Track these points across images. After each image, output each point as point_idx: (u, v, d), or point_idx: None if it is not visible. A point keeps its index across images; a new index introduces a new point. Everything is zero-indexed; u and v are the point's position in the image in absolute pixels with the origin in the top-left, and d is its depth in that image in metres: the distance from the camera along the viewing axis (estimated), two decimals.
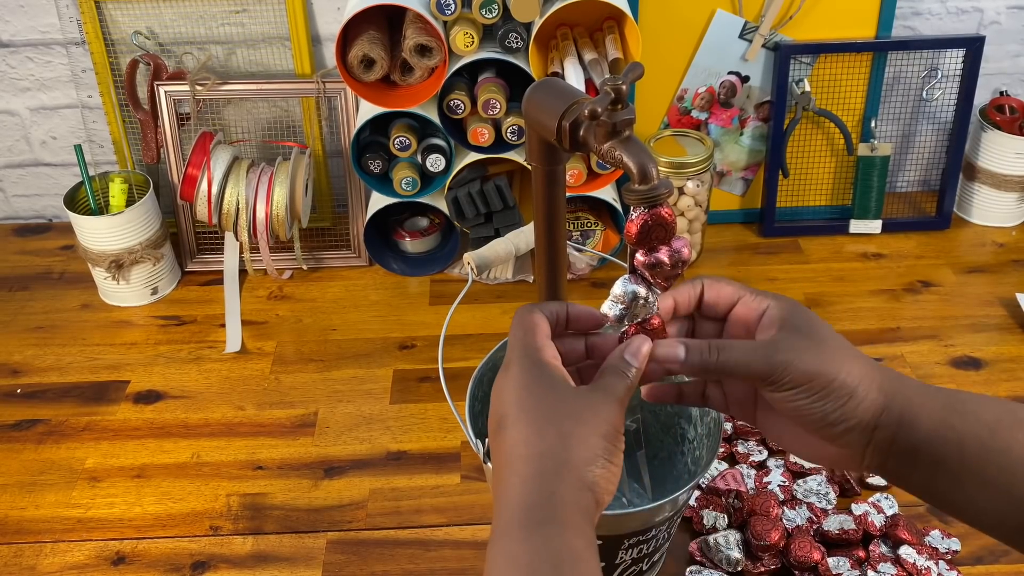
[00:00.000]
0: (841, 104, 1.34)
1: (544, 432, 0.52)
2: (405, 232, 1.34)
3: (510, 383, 0.55)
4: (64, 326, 1.26)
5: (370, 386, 1.14)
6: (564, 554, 0.48)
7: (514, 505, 0.50)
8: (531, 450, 0.52)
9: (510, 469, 0.52)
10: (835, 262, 1.33)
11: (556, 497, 0.50)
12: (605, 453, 0.52)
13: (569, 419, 0.52)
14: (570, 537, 0.49)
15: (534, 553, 0.48)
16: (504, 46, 1.15)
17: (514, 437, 0.53)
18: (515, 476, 0.51)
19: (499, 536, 0.50)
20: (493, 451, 0.55)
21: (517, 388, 0.54)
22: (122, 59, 1.33)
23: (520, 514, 0.50)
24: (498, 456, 0.54)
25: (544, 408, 0.53)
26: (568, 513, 0.49)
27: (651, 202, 0.55)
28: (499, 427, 0.54)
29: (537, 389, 0.54)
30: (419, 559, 0.93)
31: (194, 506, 0.99)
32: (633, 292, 0.58)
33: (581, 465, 0.51)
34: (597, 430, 0.52)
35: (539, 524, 0.49)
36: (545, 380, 0.55)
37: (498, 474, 0.53)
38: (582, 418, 0.53)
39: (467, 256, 0.86)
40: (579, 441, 0.52)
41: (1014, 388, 1.10)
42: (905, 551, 0.88)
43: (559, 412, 0.53)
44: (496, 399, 0.56)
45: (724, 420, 0.83)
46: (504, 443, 0.53)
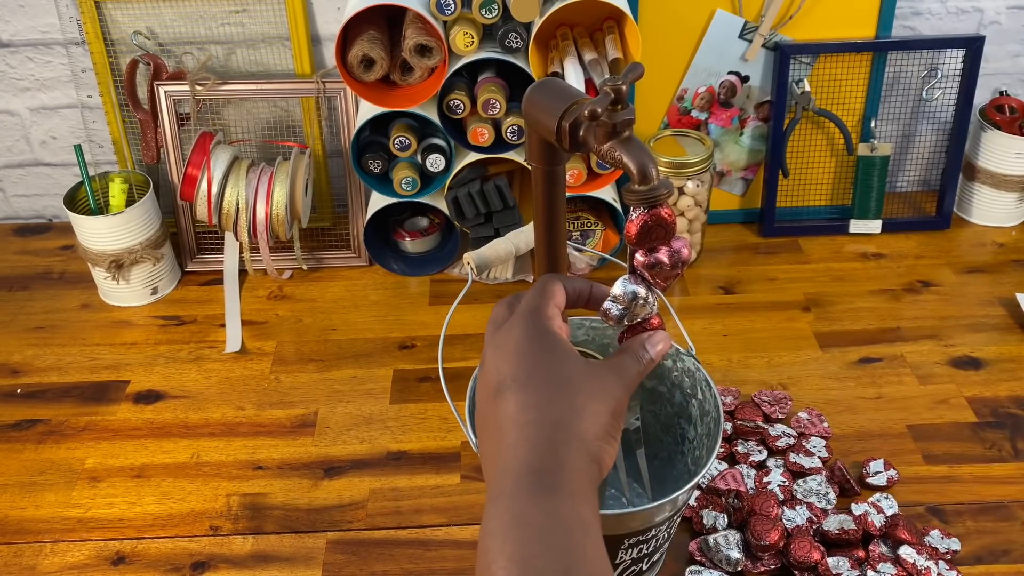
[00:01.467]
0: (841, 104, 1.34)
1: (556, 401, 0.52)
2: (405, 232, 1.34)
3: (515, 343, 0.55)
4: (64, 326, 1.26)
5: (370, 386, 1.14)
6: (574, 520, 0.48)
7: (522, 467, 0.50)
8: (541, 416, 0.51)
9: (517, 432, 0.51)
10: (835, 262, 1.33)
11: (568, 466, 0.50)
12: (611, 428, 0.53)
13: (582, 392, 0.53)
14: (580, 505, 0.49)
15: (546, 516, 0.47)
16: (504, 46, 1.15)
17: (521, 401, 0.52)
18: (523, 440, 0.51)
19: (503, 496, 0.49)
20: (487, 412, 0.54)
21: (525, 351, 0.54)
22: (122, 59, 1.33)
23: (529, 477, 0.49)
24: (494, 417, 0.53)
25: (556, 377, 0.53)
26: (578, 482, 0.49)
27: (651, 202, 0.55)
28: (500, 387, 0.53)
29: (548, 357, 0.54)
30: (419, 559, 0.93)
31: (194, 506, 0.99)
32: (633, 292, 0.58)
33: (591, 438, 0.51)
34: (607, 405, 0.53)
35: (549, 489, 0.48)
36: (556, 349, 0.55)
37: (494, 434, 0.53)
38: (594, 392, 0.53)
39: (467, 256, 0.86)
40: (592, 415, 0.52)
41: (1014, 388, 1.10)
42: (905, 551, 0.88)
43: (571, 383, 0.53)
44: (496, 357, 0.55)
45: (724, 420, 0.83)
46: (505, 404, 0.53)
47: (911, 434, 1.05)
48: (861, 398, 1.10)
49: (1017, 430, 1.05)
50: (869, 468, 0.99)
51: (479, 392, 0.56)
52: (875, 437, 1.04)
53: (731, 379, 1.13)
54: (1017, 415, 1.07)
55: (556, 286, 0.59)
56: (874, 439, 1.04)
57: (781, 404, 1.07)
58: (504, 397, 0.53)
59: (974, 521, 0.95)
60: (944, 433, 1.05)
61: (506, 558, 0.46)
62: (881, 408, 1.08)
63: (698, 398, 0.88)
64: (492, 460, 0.52)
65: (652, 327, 0.61)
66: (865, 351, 1.16)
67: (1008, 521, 0.94)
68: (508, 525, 0.47)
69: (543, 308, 0.57)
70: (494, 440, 0.53)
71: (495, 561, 0.46)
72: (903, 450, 1.03)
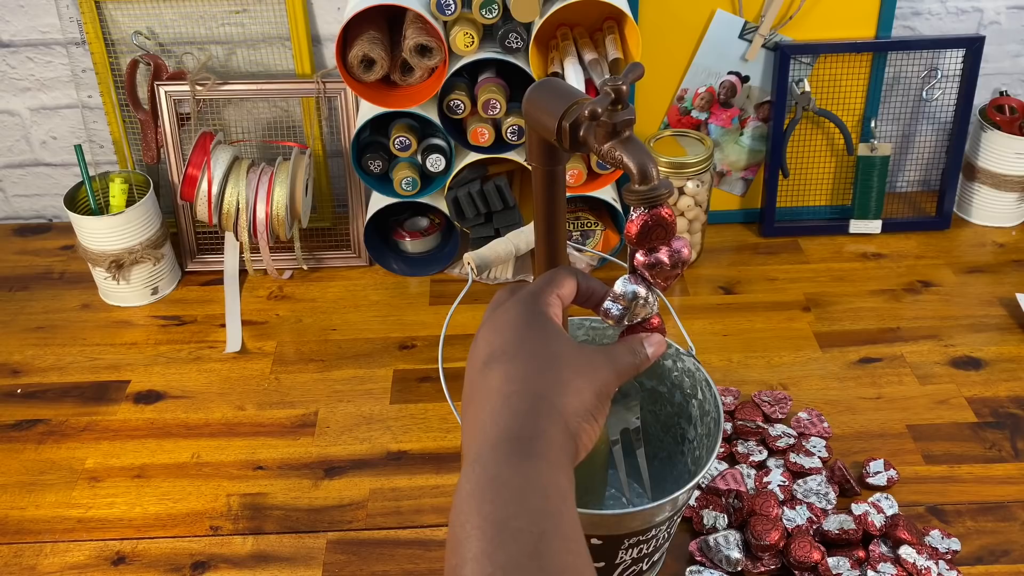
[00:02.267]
0: (841, 104, 1.34)
1: (544, 374, 0.53)
2: (405, 232, 1.34)
3: (509, 320, 0.56)
4: (64, 326, 1.26)
5: (370, 386, 1.14)
6: (552, 486, 0.48)
7: (502, 434, 0.50)
8: (527, 387, 0.52)
9: (501, 401, 0.52)
10: (835, 262, 1.33)
11: (547, 436, 0.50)
12: (594, 409, 0.53)
13: (568, 368, 0.53)
14: (557, 474, 0.49)
15: (524, 480, 0.47)
16: (504, 46, 1.15)
17: (509, 372, 0.53)
18: (506, 408, 0.51)
19: (480, 460, 0.49)
20: (474, 382, 0.55)
21: (518, 327, 0.55)
22: (122, 59, 1.33)
23: (509, 444, 0.49)
24: (481, 387, 0.54)
25: (546, 353, 0.54)
26: (556, 453, 0.50)
27: (651, 202, 0.55)
28: (490, 359, 0.54)
29: (540, 333, 0.55)
30: (419, 559, 0.93)
31: (194, 506, 0.99)
32: (633, 292, 0.59)
33: (570, 413, 0.52)
34: (592, 385, 0.54)
35: (529, 456, 0.49)
36: (548, 328, 0.55)
37: (479, 403, 0.53)
38: (581, 370, 0.54)
39: (467, 256, 0.86)
40: (574, 391, 0.53)
41: (1014, 388, 1.10)
42: (905, 551, 0.88)
43: (560, 359, 0.54)
44: (489, 332, 0.56)
45: (724, 420, 0.83)
46: (493, 375, 0.53)
47: (911, 434, 1.05)
48: (861, 398, 1.10)
49: (1017, 430, 1.05)
50: (869, 468, 0.99)
51: (468, 365, 0.57)
52: (875, 437, 1.04)
53: (731, 379, 1.13)
54: (1017, 415, 1.07)
55: (566, 277, 0.59)
56: (874, 439, 1.04)
57: (781, 404, 1.07)
58: (492, 368, 0.54)
59: (974, 521, 0.95)
60: (944, 433, 1.05)
61: (482, 518, 0.46)
62: (881, 408, 1.08)
63: (698, 398, 0.88)
64: (473, 428, 0.52)
65: (652, 327, 0.61)
66: (865, 351, 1.16)
67: (1008, 521, 0.94)
68: (484, 487, 0.47)
69: (543, 294, 0.58)
70: (477, 409, 0.53)
71: (469, 520, 0.46)
72: (903, 450, 1.03)
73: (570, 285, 0.59)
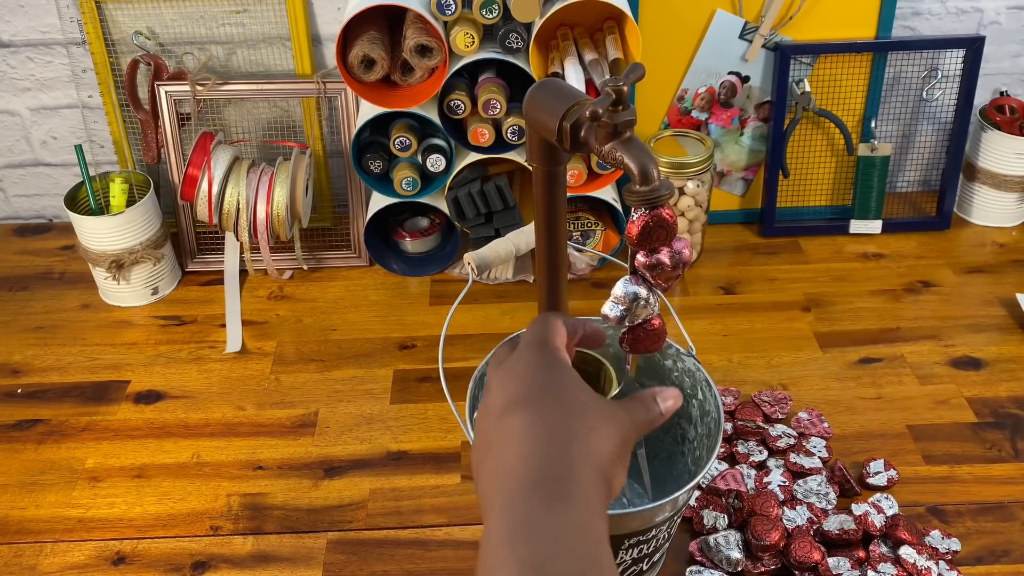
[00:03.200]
0: (841, 104, 1.34)
1: (568, 417, 0.51)
2: (405, 232, 1.34)
3: (526, 367, 0.54)
4: (64, 326, 1.26)
5: (370, 386, 1.14)
6: (589, 530, 0.46)
7: (533, 476, 0.47)
8: (554, 432, 0.50)
9: (528, 445, 0.49)
10: (835, 262, 1.33)
11: (581, 477, 0.48)
12: (622, 455, 0.52)
13: (593, 412, 0.52)
14: (593, 517, 0.47)
15: (561, 522, 0.45)
16: (504, 46, 1.15)
17: (533, 416, 0.51)
18: (534, 452, 0.49)
19: (511, 504, 0.46)
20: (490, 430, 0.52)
21: (534, 373, 0.53)
22: (122, 59, 1.33)
23: (542, 486, 0.47)
24: (501, 434, 0.51)
25: (569, 398, 0.52)
26: (591, 496, 0.48)
27: (652, 203, 0.55)
28: (509, 406, 0.52)
29: (558, 380, 0.53)
30: (419, 559, 0.93)
31: (194, 506, 0.99)
32: (634, 293, 0.59)
33: (604, 458, 0.50)
34: (619, 431, 0.52)
35: (563, 498, 0.46)
36: (567, 373, 0.54)
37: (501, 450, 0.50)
38: (605, 416, 0.52)
39: (467, 256, 0.86)
40: (604, 436, 0.51)
41: (1014, 388, 1.10)
42: (905, 551, 0.89)
43: (583, 403, 0.52)
44: (504, 380, 0.54)
45: (724, 420, 0.83)
46: (514, 421, 0.51)
47: (911, 434, 1.05)
48: (861, 398, 1.10)
49: (1017, 430, 1.05)
50: (869, 468, 0.99)
51: (480, 420, 0.54)
52: (875, 437, 1.04)
53: (731, 379, 1.13)
54: (1017, 415, 1.07)
55: (557, 321, 0.58)
56: (874, 439, 1.04)
57: (781, 404, 1.07)
58: (512, 414, 0.51)
59: (974, 521, 0.95)
60: (944, 433, 1.05)
61: (516, 562, 0.43)
62: (881, 408, 1.08)
63: (698, 398, 0.88)
64: (495, 475, 0.49)
65: (653, 327, 0.61)
66: (865, 351, 1.16)
67: (1008, 521, 0.94)
68: (518, 530, 0.45)
69: (550, 339, 0.56)
70: (499, 456, 0.50)
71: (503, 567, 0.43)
72: (903, 450, 1.03)
73: (563, 330, 0.58)
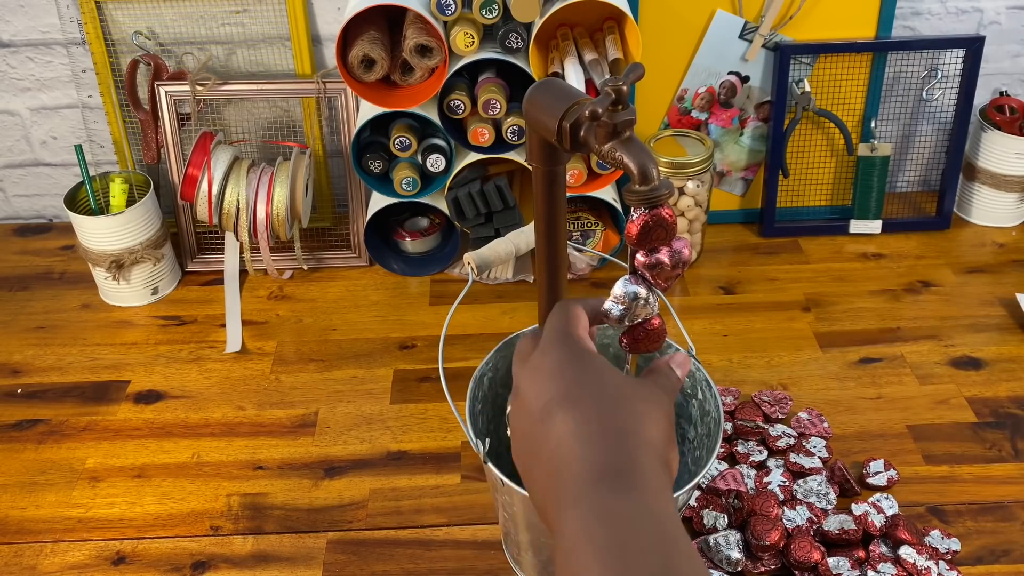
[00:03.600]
0: (841, 104, 1.34)
1: (615, 410, 0.50)
2: (405, 232, 1.34)
3: (555, 364, 0.53)
4: (64, 326, 1.26)
5: (370, 386, 1.14)
6: (665, 514, 0.45)
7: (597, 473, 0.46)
8: (606, 426, 0.49)
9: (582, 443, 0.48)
10: (835, 262, 1.33)
11: (644, 467, 0.47)
12: (671, 436, 0.51)
13: (636, 399, 0.51)
14: (665, 502, 0.46)
15: (636, 509, 0.44)
16: (504, 46, 1.15)
17: (578, 416, 0.49)
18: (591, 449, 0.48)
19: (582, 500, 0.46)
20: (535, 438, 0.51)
21: (566, 369, 0.52)
22: (122, 59, 1.33)
23: (608, 480, 0.46)
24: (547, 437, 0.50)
25: (610, 390, 0.51)
26: (657, 483, 0.47)
27: (652, 203, 0.55)
28: (549, 407, 0.50)
29: (592, 372, 0.52)
30: (419, 559, 0.93)
31: (194, 506, 0.99)
32: (634, 293, 0.58)
33: (659, 444, 0.49)
34: (665, 413, 0.51)
35: (633, 488, 0.46)
36: (599, 364, 0.53)
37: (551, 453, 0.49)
38: (648, 400, 0.51)
39: (467, 256, 0.86)
40: (654, 422, 0.50)
41: (1014, 388, 1.10)
42: (905, 551, 0.89)
43: (624, 393, 0.51)
44: (535, 379, 0.53)
45: (724, 420, 0.83)
46: (559, 422, 0.49)
47: (911, 434, 1.05)
48: (861, 398, 1.10)
49: (1017, 430, 1.05)
50: (869, 468, 0.99)
51: (517, 422, 0.53)
52: (875, 437, 1.04)
53: (731, 379, 1.13)
54: (1017, 415, 1.07)
55: (578, 308, 0.57)
56: (874, 439, 1.04)
57: (781, 404, 1.07)
58: (555, 416, 0.50)
59: (974, 521, 0.95)
60: (944, 433, 1.05)
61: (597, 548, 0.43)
62: (881, 408, 1.08)
63: (698, 398, 0.88)
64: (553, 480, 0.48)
65: (653, 327, 0.61)
66: (865, 351, 1.16)
67: (1008, 521, 0.94)
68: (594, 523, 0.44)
69: (573, 329, 0.55)
70: (550, 458, 0.49)
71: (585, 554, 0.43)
72: (903, 450, 1.03)
73: (584, 315, 0.57)
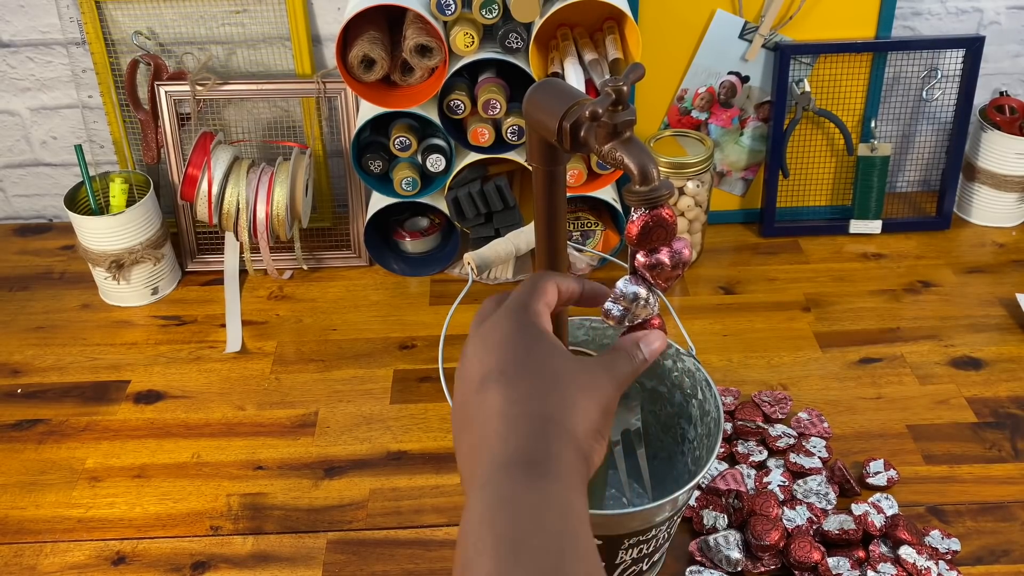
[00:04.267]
0: (841, 104, 1.34)
1: (546, 394, 0.50)
2: (405, 232, 1.34)
3: (502, 337, 0.53)
4: (64, 326, 1.26)
5: (370, 386, 1.14)
6: (568, 507, 0.46)
7: (512, 456, 0.47)
8: (532, 409, 0.49)
9: (507, 424, 0.49)
10: (835, 262, 1.33)
11: (561, 458, 0.48)
12: (602, 427, 0.51)
13: (572, 386, 0.51)
14: (573, 496, 0.47)
15: (541, 500, 0.45)
16: (504, 46, 1.15)
17: (510, 394, 0.50)
18: (513, 432, 0.48)
19: (491, 482, 0.46)
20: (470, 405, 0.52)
21: (512, 344, 0.53)
22: (122, 59, 1.33)
23: (521, 466, 0.47)
24: (479, 409, 0.51)
25: (547, 371, 0.51)
26: (571, 475, 0.48)
27: (652, 203, 0.55)
28: (486, 379, 0.51)
29: (536, 350, 0.52)
30: (419, 559, 0.93)
31: (194, 506, 0.99)
32: (634, 293, 0.58)
33: (582, 435, 0.50)
34: (598, 403, 0.51)
35: (543, 476, 0.46)
36: (544, 343, 0.53)
37: (479, 426, 0.50)
38: (584, 388, 0.52)
39: (467, 256, 0.86)
40: (582, 411, 0.50)
41: (1014, 388, 1.10)
42: (905, 551, 0.89)
43: (561, 378, 0.51)
44: (481, 350, 0.54)
45: (724, 420, 0.83)
46: (492, 396, 0.50)
47: (911, 434, 1.05)
48: (861, 398, 1.10)
49: (1017, 430, 1.05)
50: (869, 468, 0.99)
51: (458, 385, 0.54)
52: (875, 437, 1.04)
53: (731, 379, 1.13)
54: (1017, 415, 1.07)
55: (548, 283, 0.58)
56: (874, 439, 1.04)
57: (781, 404, 1.07)
58: (490, 389, 0.51)
59: (974, 521, 0.95)
60: (944, 433, 1.05)
61: (495, 537, 0.43)
62: (881, 408, 1.08)
63: (698, 398, 0.88)
64: (475, 451, 0.50)
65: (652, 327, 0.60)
66: (865, 351, 1.16)
67: (1008, 521, 0.94)
68: (497, 508, 0.45)
69: (531, 304, 0.55)
70: (476, 434, 0.50)
71: (481, 540, 0.43)
72: (903, 450, 1.03)
73: (553, 291, 0.57)
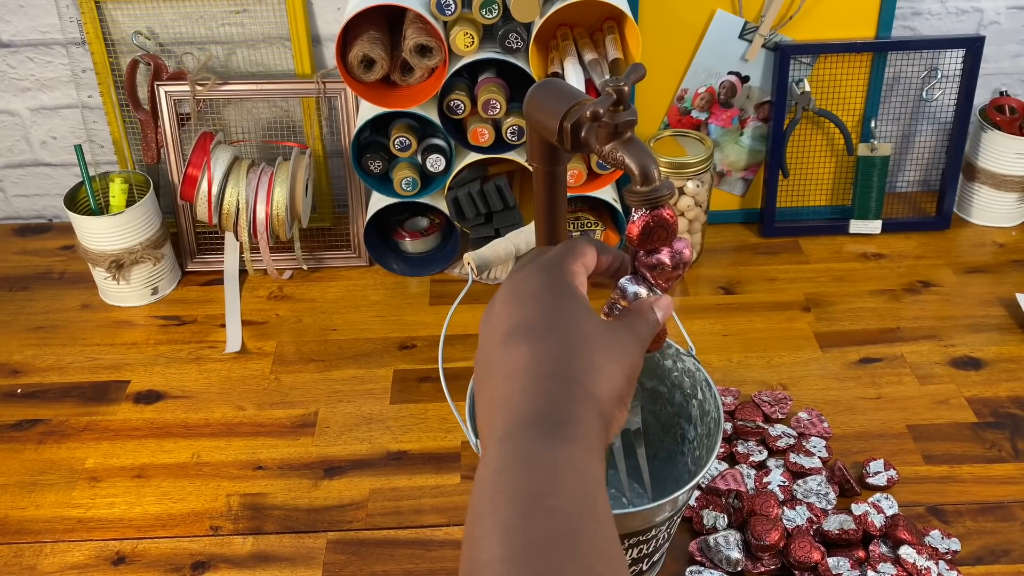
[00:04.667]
0: (841, 104, 1.34)
1: (576, 358, 0.50)
2: (405, 232, 1.34)
3: (534, 291, 0.53)
4: (64, 326, 1.26)
5: (370, 386, 1.14)
6: (588, 471, 0.45)
7: (535, 415, 0.47)
8: (559, 371, 0.49)
9: (532, 382, 0.49)
10: (835, 262, 1.33)
11: (583, 422, 0.47)
12: (625, 394, 0.51)
13: (600, 351, 0.51)
14: (593, 460, 0.47)
15: (560, 461, 0.45)
16: (504, 46, 1.15)
17: (537, 352, 0.50)
18: (538, 390, 0.48)
19: (513, 437, 0.46)
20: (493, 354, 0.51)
21: (543, 300, 0.52)
22: (122, 59, 1.33)
23: (543, 425, 0.46)
24: (504, 362, 0.50)
25: (576, 333, 0.51)
26: (591, 440, 0.47)
27: (653, 204, 0.55)
28: (513, 332, 0.51)
29: (567, 309, 0.52)
30: (419, 559, 0.93)
31: (194, 506, 0.99)
32: (635, 293, 0.59)
33: (605, 400, 0.49)
34: (624, 369, 0.51)
35: (564, 439, 0.46)
36: (575, 302, 0.53)
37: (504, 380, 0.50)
38: (612, 353, 0.51)
39: (467, 256, 0.86)
40: (608, 377, 0.50)
41: (1014, 388, 1.10)
42: (905, 551, 0.89)
43: (590, 340, 0.51)
44: (511, 303, 0.53)
45: (724, 420, 0.83)
46: (519, 351, 0.50)
47: (911, 434, 1.05)
48: (861, 398, 1.10)
49: (1017, 430, 1.05)
50: (869, 468, 0.99)
51: (485, 333, 0.53)
52: (875, 437, 1.04)
53: (731, 379, 1.13)
54: (1017, 415, 1.07)
55: (587, 247, 0.57)
56: (874, 439, 1.04)
57: (781, 404, 1.07)
58: (518, 344, 0.50)
59: (974, 521, 0.95)
60: (944, 433, 1.05)
61: (513, 491, 0.43)
62: (881, 408, 1.08)
63: (698, 398, 0.88)
64: (497, 404, 0.49)
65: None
66: (865, 351, 1.16)
67: (1008, 521, 0.94)
68: (518, 463, 0.44)
69: (567, 262, 0.55)
70: (501, 384, 0.49)
71: (499, 493, 0.43)
72: (903, 450, 1.03)
73: (592, 254, 0.57)
